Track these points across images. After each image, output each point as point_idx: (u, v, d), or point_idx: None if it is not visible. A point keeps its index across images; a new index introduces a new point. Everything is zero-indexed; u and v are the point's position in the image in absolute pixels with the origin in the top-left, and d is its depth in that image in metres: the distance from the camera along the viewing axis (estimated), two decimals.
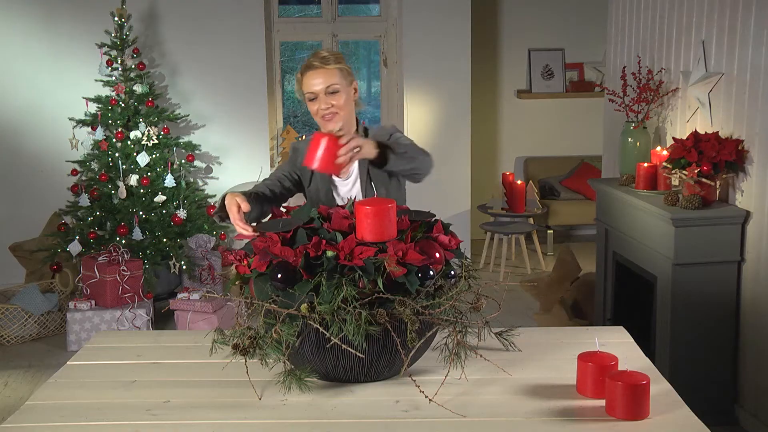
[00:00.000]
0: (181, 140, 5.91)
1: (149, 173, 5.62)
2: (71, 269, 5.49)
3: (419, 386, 2.05)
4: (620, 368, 2.09)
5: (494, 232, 6.53)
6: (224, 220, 2.52)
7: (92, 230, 5.43)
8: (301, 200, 2.86)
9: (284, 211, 2.47)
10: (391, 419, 2.04)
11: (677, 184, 4.01)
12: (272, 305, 2.09)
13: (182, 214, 5.59)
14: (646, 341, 3.80)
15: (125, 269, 5.03)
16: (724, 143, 3.78)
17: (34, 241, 5.76)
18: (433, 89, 6.48)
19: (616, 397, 2.00)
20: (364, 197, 2.73)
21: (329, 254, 2.09)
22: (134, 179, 5.56)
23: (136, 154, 5.60)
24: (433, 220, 2.25)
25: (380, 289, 2.06)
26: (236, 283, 2.26)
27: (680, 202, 3.82)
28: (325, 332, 2.05)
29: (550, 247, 7.04)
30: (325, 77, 2.67)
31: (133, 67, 5.74)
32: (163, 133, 5.75)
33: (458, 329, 2.14)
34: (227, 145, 6.28)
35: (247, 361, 2.11)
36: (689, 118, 4.25)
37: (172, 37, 6.13)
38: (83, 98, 5.79)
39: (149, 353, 2.52)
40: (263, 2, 6.22)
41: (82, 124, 5.71)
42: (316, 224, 2.22)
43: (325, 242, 2.12)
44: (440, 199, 6.31)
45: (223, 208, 2.50)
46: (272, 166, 6.39)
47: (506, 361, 2.34)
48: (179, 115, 5.97)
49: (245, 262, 2.21)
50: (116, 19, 5.65)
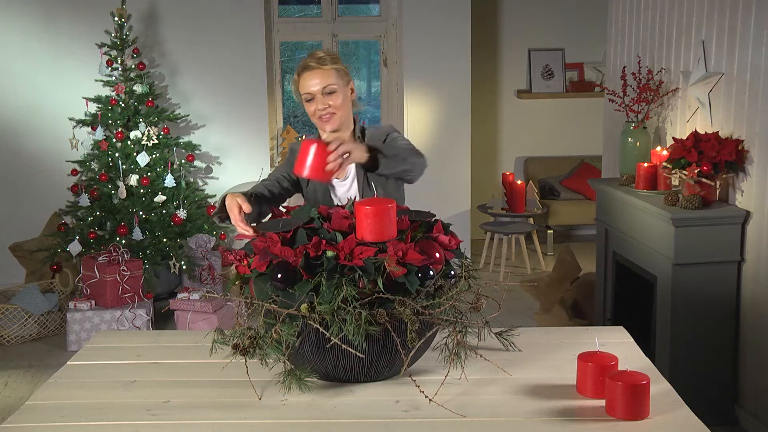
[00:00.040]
0: (181, 140, 5.91)
1: (149, 173, 5.62)
2: (71, 269, 5.49)
3: (419, 386, 2.05)
4: (620, 368, 2.09)
5: (494, 232, 6.53)
6: (224, 221, 2.52)
7: (92, 230, 5.43)
8: (300, 200, 2.86)
9: (284, 211, 2.47)
10: (391, 419, 2.04)
11: (677, 184, 4.01)
12: (272, 305, 2.09)
13: (182, 214, 5.59)
14: (646, 341, 3.79)
15: (125, 269, 5.03)
16: (724, 143, 3.78)
17: (34, 241, 5.76)
18: (433, 89, 6.47)
19: (616, 397, 2.00)
20: (361, 198, 2.73)
21: (329, 254, 2.09)
22: (134, 179, 5.56)
23: (136, 154, 5.59)
24: (433, 220, 2.25)
25: (380, 289, 2.06)
26: (236, 283, 2.26)
27: (680, 202, 3.82)
28: (325, 332, 2.05)
29: (550, 247, 7.04)
30: (321, 78, 2.67)
31: (133, 67, 5.74)
32: (163, 133, 5.75)
33: (458, 329, 2.13)
34: (227, 145, 6.28)
35: (247, 361, 2.10)
36: (689, 118, 4.25)
37: (172, 37, 6.13)
38: (83, 98, 5.79)
39: (149, 353, 2.52)
40: (263, 2, 6.22)
41: (82, 124, 5.71)
42: (316, 224, 2.22)
43: (325, 242, 2.12)
44: (440, 199, 6.31)
45: (222, 209, 2.50)
46: (272, 166, 6.39)
47: (506, 361, 2.34)
48: (179, 115, 5.97)
49: (245, 262, 2.21)
50: (116, 19, 5.65)
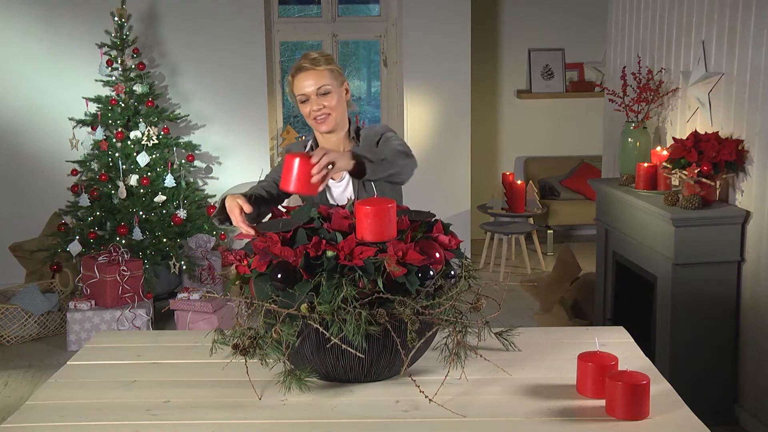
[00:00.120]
0: (181, 140, 5.91)
1: (149, 173, 5.62)
2: (71, 269, 5.49)
3: (419, 386, 2.05)
4: (620, 368, 2.09)
5: (494, 232, 6.53)
6: (223, 222, 2.52)
7: (92, 230, 5.43)
8: (299, 200, 2.86)
9: (284, 211, 2.47)
10: (391, 419, 2.04)
11: (677, 184, 4.01)
12: (272, 305, 2.09)
13: (182, 214, 5.59)
14: (646, 341, 3.79)
15: (125, 269, 5.03)
16: (724, 143, 3.78)
17: (34, 241, 5.76)
18: (433, 89, 6.47)
19: (616, 397, 2.00)
20: (357, 199, 2.73)
21: (329, 254, 2.09)
22: (134, 179, 5.56)
23: (136, 154, 5.59)
24: (433, 220, 2.25)
25: (380, 289, 2.06)
26: (236, 283, 2.26)
27: (680, 202, 3.82)
28: (325, 332, 2.05)
29: (550, 247, 7.04)
30: (315, 78, 2.67)
31: (133, 67, 5.74)
32: (163, 133, 5.75)
33: (458, 329, 2.13)
34: (227, 145, 6.28)
35: (247, 361, 2.10)
36: (689, 118, 4.25)
37: (172, 37, 6.13)
38: (83, 98, 5.79)
39: (149, 353, 2.52)
40: (263, 2, 6.22)
41: (82, 124, 5.71)
42: (316, 224, 2.22)
43: (325, 242, 2.12)
44: (440, 199, 6.32)
45: (222, 210, 2.50)
46: (272, 166, 6.39)
47: (506, 361, 2.34)
48: (179, 115, 5.97)
49: (245, 262, 2.21)
50: (116, 19, 5.65)
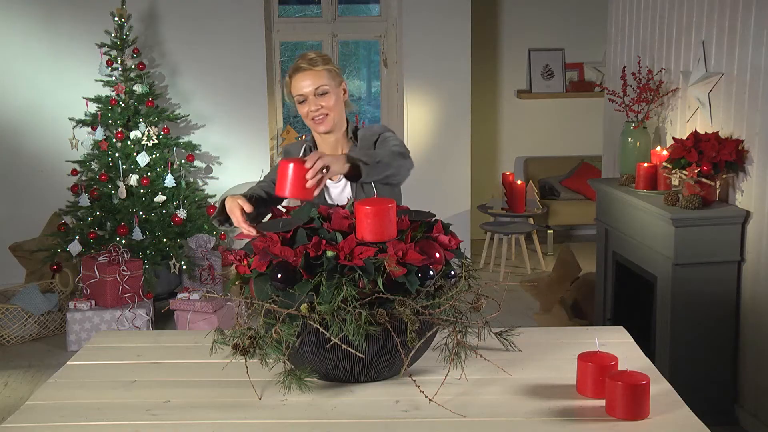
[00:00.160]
0: (181, 140, 5.91)
1: (149, 173, 5.62)
2: (71, 269, 5.49)
3: (419, 386, 2.05)
4: (620, 368, 2.09)
5: (494, 232, 6.53)
6: (223, 223, 2.52)
7: (92, 230, 5.43)
8: (298, 200, 2.85)
9: (284, 211, 2.47)
10: (391, 419, 2.03)
11: (677, 184, 4.01)
12: (272, 305, 2.09)
13: (182, 214, 5.59)
14: (646, 341, 3.79)
15: (125, 269, 5.03)
16: (724, 143, 3.78)
17: (34, 241, 5.76)
18: (433, 89, 6.47)
19: (616, 397, 2.00)
20: (356, 199, 2.73)
21: (329, 254, 2.09)
22: (134, 179, 5.56)
23: (136, 154, 5.59)
24: (433, 220, 2.25)
25: (380, 289, 2.06)
26: (236, 283, 2.26)
27: (680, 202, 3.82)
28: (325, 332, 2.05)
29: (550, 247, 7.04)
30: (313, 79, 2.67)
31: (133, 67, 5.74)
32: (163, 133, 5.75)
33: (458, 329, 2.13)
34: (227, 145, 6.28)
35: (247, 361, 2.10)
36: (689, 118, 4.25)
37: (172, 37, 6.13)
38: (83, 98, 5.79)
39: (149, 353, 2.52)
40: (263, 2, 6.22)
41: (82, 124, 5.71)
42: (316, 224, 2.22)
43: (325, 242, 2.12)
44: (440, 199, 6.32)
45: (222, 211, 2.50)
46: (272, 166, 6.39)
47: (506, 361, 2.34)
48: (179, 115, 5.97)
49: (245, 262, 2.21)
50: (116, 19, 5.65)
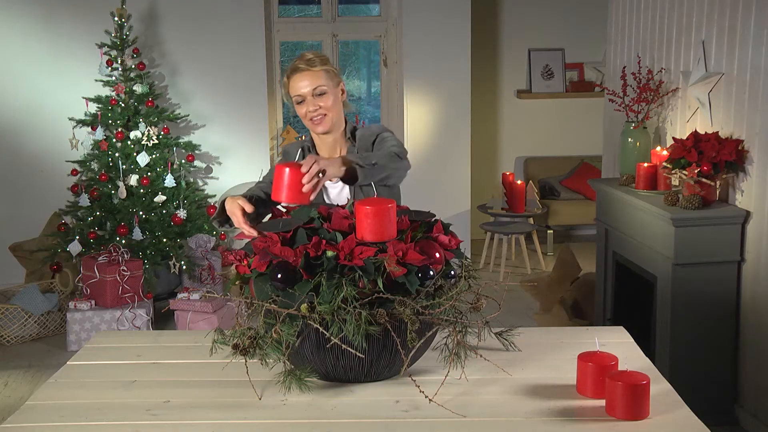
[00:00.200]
0: (181, 140, 5.91)
1: (149, 173, 5.62)
2: (71, 269, 5.49)
3: (419, 386, 2.05)
4: (620, 368, 2.09)
5: (494, 232, 6.53)
6: (223, 224, 2.52)
7: (92, 230, 5.43)
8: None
9: (284, 211, 2.47)
10: (391, 419, 2.03)
11: (677, 184, 4.01)
12: (272, 305, 2.09)
13: (182, 214, 5.59)
14: (646, 341, 3.79)
15: (125, 269, 5.03)
16: (724, 143, 3.78)
17: (34, 241, 5.76)
18: (433, 89, 6.47)
19: (616, 397, 2.00)
20: (353, 199, 2.73)
21: (329, 254, 2.09)
22: (134, 179, 5.56)
23: (136, 154, 5.59)
24: (433, 220, 2.25)
25: (380, 289, 2.06)
26: (236, 283, 2.26)
27: (680, 202, 3.82)
28: (325, 332, 2.05)
29: (550, 247, 7.04)
30: (311, 79, 2.67)
31: (133, 67, 5.74)
32: (163, 133, 5.75)
33: (458, 329, 2.13)
34: (227, 145, 6.28)
35: (247, 361, 2.10)
36: (689, 118, 4.25)
37: (172, 37, 6.13)
38: (83, 98, 5.79)
39: (149, 353, 2.52)
40: (263, 2, 6.22)
41: (82, 124, 5.71)
42: (316, 224, 2.22)
43: (325, 242, 2.12)
44: (440, 199, 6.32)
45: (222, 212, 2.50)
46: (272, 166, 6.39)
47: (506, 361, 2.34)
48: (179, 115, 5.97)
49: (245, 262, 2.21)
50: (116, 19, 5.65)
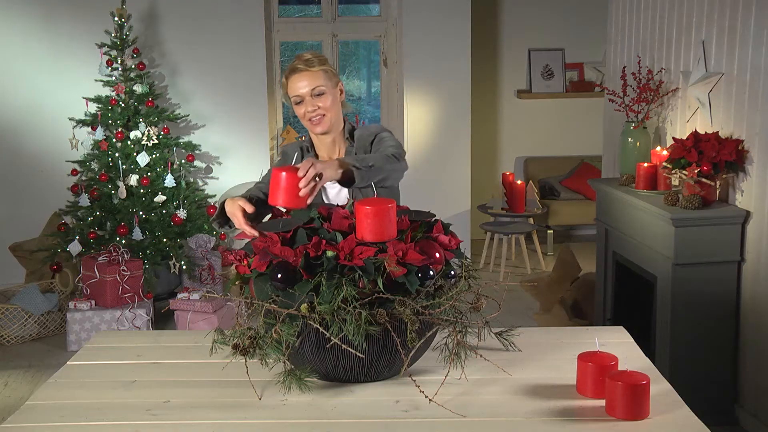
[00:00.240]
0: (181, 140, 5.91)
1: (149, 173, 5.62)
2: (71, 269, 5.49)
3: (419, 386, 2.05)
4: (620, 368, 2.09)
5: (494, 232, 6.53)
6: (223, 225, 2.52)
7: (92, 230, 5.43)
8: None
9: (284, 211, 2.47)
10: (391, 419, 2.04)
11: (677, 184, 4.01)
12: (272, 305, 2.09)
13: (182, 214, 5.59)
14: (646, 341, 3.79)
15: (125, 269, 5.03)
16: (724, 143, 3.78)
17: (34, 241, 5.76)
18: (433, 89, 6.47)
19: (616, 397, 2.00)
20: (352, 200, 2.73)
21: (329, 254, 2.09)
22: (134, 179, 5.56)
23: (136, 154, 5.59)
24: (433, 220, 2.25)
25: (380, 289, 2.06)
26: (236, 283, 2.26)
27: (680, 202, 3.82)
28: (325, 332, 2.05)
29: (550, 247, 7.04)
30: (310, 79, 2.67)
31: (133, 67, 5.74)
32: (163, 133, 5.75)
33: (458, 329, 2.13)
34: (227, 145, 6.28)
35: (247, 361, 2.10)
36: (689, 118, 4.25)
37: (172, 37, 6.13)
38: (83, 98, 5.79)
39: (149, 353, 2.52)
40: (263, 2, 6.22)
41: (82, 124, 5.71)
42: (316, 224, 2.22)
43: (325, 242, 2.12)
44: (440, 199, 6.32)
45: (222, 213, 2.50)
46: (272, 166, 6.39)
47: (506, 361, 2.34)
48: (179, 115, 5.97)
49: (245, 262, 2.21)
50: (116, 19, 5.65)
